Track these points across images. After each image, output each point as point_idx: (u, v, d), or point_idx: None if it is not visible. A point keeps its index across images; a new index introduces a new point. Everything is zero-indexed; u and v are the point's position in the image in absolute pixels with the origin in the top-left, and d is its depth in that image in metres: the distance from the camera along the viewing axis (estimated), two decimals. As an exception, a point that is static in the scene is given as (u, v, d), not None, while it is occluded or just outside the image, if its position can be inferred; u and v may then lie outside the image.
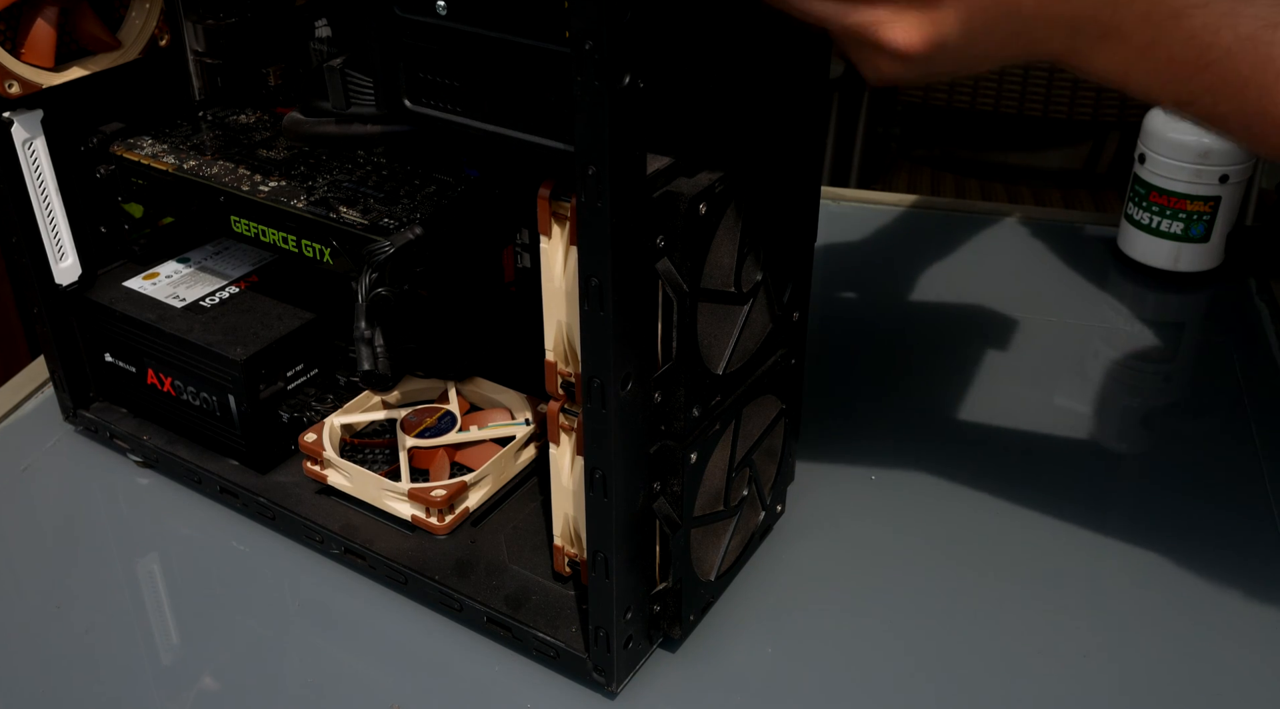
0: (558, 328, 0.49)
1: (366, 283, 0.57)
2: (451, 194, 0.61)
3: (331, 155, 0.66)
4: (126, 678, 0.58)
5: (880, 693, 0.56)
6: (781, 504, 0.65)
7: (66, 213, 0.68)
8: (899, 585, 0.63)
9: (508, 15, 0.44)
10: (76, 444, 0.74)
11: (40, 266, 0.68)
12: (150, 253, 0.73)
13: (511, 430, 0.66)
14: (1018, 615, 0.61)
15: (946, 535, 0.66)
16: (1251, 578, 0.63)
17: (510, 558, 0.61)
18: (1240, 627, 0.60)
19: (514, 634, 0.57)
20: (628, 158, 0.42)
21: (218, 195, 0.63)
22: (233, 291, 0.70)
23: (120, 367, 0.71)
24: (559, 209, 0.47)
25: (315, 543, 0.64)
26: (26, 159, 0.65)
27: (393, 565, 0.61)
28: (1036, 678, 0.57)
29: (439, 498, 0.61)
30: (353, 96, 0.53)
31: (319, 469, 0.65)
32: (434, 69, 0.48)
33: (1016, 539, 0.66)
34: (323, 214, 0.60)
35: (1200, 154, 0.86)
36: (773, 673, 0.58)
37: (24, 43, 0.61)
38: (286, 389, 0.68)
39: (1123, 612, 0.61)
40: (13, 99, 0.62)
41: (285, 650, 0.60)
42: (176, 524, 0.68)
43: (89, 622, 0.62)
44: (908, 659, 0.58)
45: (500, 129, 0.48)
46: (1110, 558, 0.64)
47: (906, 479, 0.70)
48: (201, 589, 0.64)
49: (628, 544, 0.51)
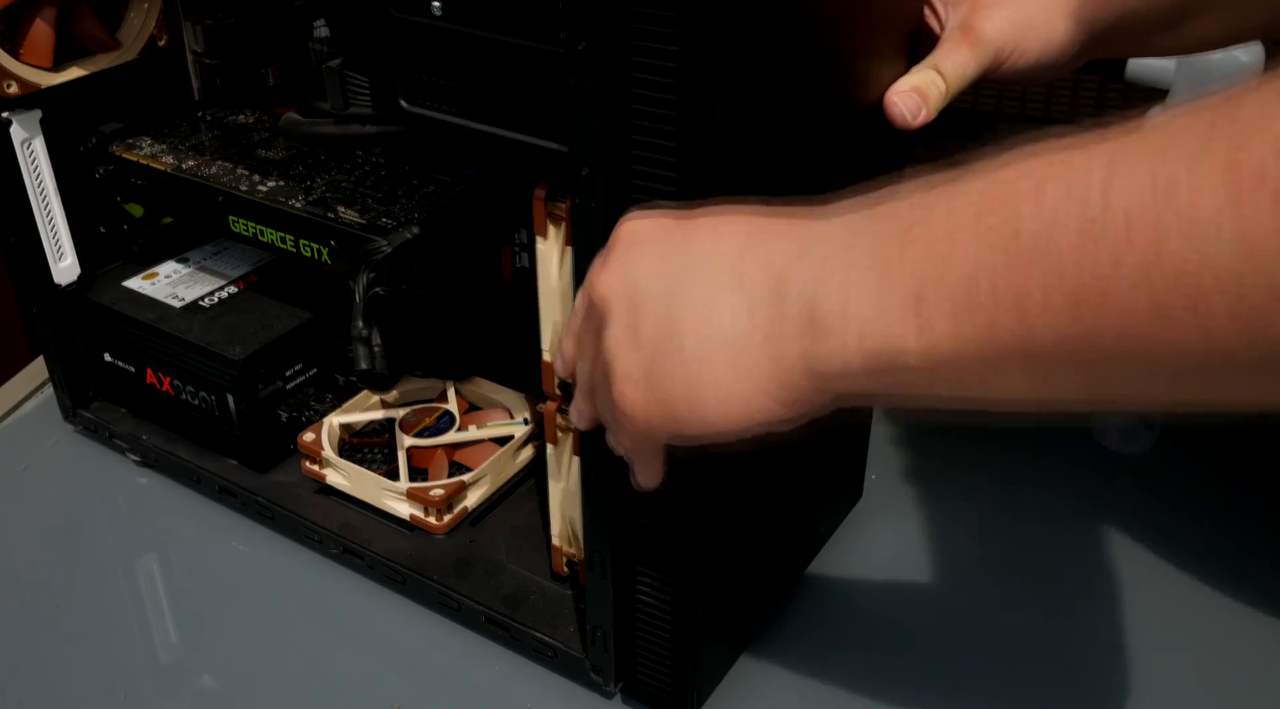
0: (554, 328, 0.49)
1: (364, 282, 0.57)
2: (449, 194, 0.61)
3: (330, 155, 0.66)
4: (125, 677, 0.59)
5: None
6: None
7: (65, 213, 0.68)
8: (900, 584, 0.63)
9: (502, 16, 0.44)
10: (76, 444, 0.74)
11: (39, 267, 0.68)
12: (149, 253, 0.73)
13: (510, 430, 0.66)
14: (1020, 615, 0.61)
15: (948, 535, 0.66)
16: (1252, 578, 0.63)
17: (509, 558, 0.61)
18: (1240, 626, 0.60)
19: (512, 634, 0.57)
20: (621, 159, 0.42)
21: (216, 195, 0.63)
22: (232, 291, 0.70)
23: (119, 366, 0.71)
24: (554, 210, 0.47)
25: (314, 542, 0.64)
26: (25, 159, 0.65)
27: (391, 565, 0.61)
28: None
29: (437, 497, 0.61)
30: (351, 97, 0.53)
31: (318, 468, 0.65)
32: (430, 70, 0.48)
33: (1015, 540, 0.66)
34: (321, 214, 0.60)
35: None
36: (770, 670, 0.58)
37: (23, 43, 0.61)
38: (285, 388, 0.68)
39: (1122, 611, 0.61)
40: (11, 99, 0.62)
41: (283, 650, 0.60)
42: (175, 524, 0.68)
43: (88, 621, 0.62)
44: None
45: (496, 130, 0.48)
46: (1110, 558, 0.64)
47: (906, 479, 0.70)
48: (200, 588, 0.64)
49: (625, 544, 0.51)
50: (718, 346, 0.36)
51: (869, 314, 0.33)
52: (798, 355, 0.35)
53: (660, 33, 0.38)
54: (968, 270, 0.31)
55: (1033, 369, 0.31)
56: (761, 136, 0.44)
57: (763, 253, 0.36)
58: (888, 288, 0.33)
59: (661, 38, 0.38)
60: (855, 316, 0.34)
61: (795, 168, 0.47)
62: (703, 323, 0.37)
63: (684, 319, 0.37)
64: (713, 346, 0.36)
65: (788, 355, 0.35)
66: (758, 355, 0.36)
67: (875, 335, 0.33)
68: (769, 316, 0.35)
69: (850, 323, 0.34)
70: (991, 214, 0.31)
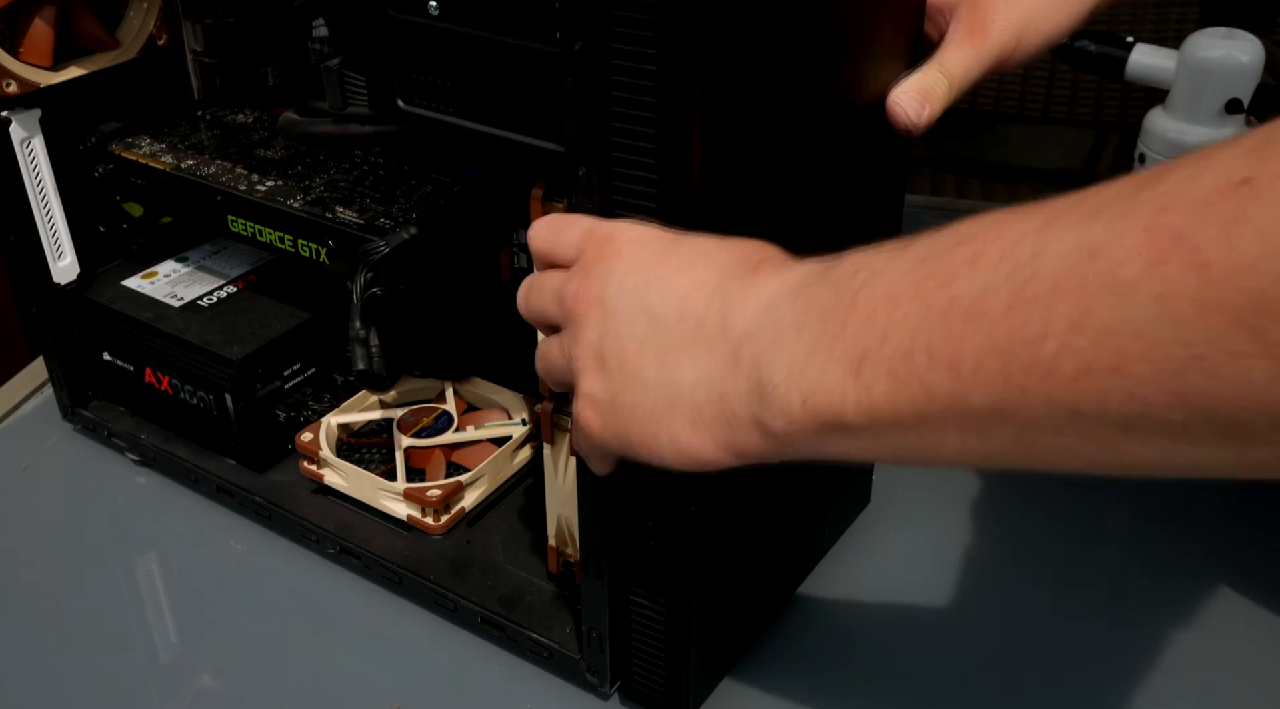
0: (551, 328, 0.49)
1: (362, 282, 0.57)
2: (447, 194, 0.61)
3: (329, 155, 0.66)
4: (125, 677, 0.59)
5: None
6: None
7: (65, 212, 0.68)
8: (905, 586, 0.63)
9: (499, 16, 0.44)
10: (76, 443, 0.74)
11: (39, 266, 0.68)
12: (148, 252, 0.73)
13: (508, 430, 0.66)
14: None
15: (955, 539, 0.66)
16: (1254, 577, 0.63)
17: (505, 558, 0.61)
18: (1244, 625, 0.60)
19: (508, 635, 0.57)
20: (618, 159, 0.42)
21: (215, 194, 0.63)
22: (231, 291, 0.70)
23: (118, 365, 0.71)
24: (552, 209, 0.47)
25: (311, 542, 0.64)
26: (24, 158, 0.65)
27: (388, 565, 0.61)
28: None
29: (434, 498, 0.61)
30: (349, 96, 0.53)
31: (315, 468, 0.65)
32: (427, 69, 0.48)
33: (1017, 539, 0.66)
34: (319, 213, 0.60)
35: (1201, 154, 0.86)
36: (766, 666, 0.58)
37: (22, 42, 0.62)
38: (283, 388, 0.68)
39: (1122, 611, 0.61)
40: (10, 98, 0.62)
41: (281, 649, 0.60)
42: (174, 523, 0.68)
43: (87, 621, 0.62)
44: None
45: (492, 129, 0.48)
46: (1109, 558, 0.64)
47: (914, 481, 0.70)
48: (198, 588, 0.64)
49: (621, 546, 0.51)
50: (677, 401, 0.39)
51: (813, 379, 0.35)
52: (750, 417, 0.37)
53: (640, 35, 0.39)
54: (906, 335, 0.33)
55: (967, 430, 0.33)
56: (754, 140, 0.44)
57: (727, 310, 0.38)
58: (831, 353, 0.35)
59: (641, 40, 0.39)
60: (799, 380, 0.36)
61: (792, 171, 0.47)
62: (667, 371, 0.39)
63: (648, 364, 0.40)
64: (672, 399, 0.39)
65: (740, 417, 0.38)
66: (713, 414, 0.38)
67: (817, 397, 0.35)
68: (724, 378, 0.38)
69: (794, 385, 0.36)
70: (930, 279, 0.33)
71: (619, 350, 0.40)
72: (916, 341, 0.33)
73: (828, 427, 0.35)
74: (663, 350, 0.39)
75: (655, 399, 0.39)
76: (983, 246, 0.32)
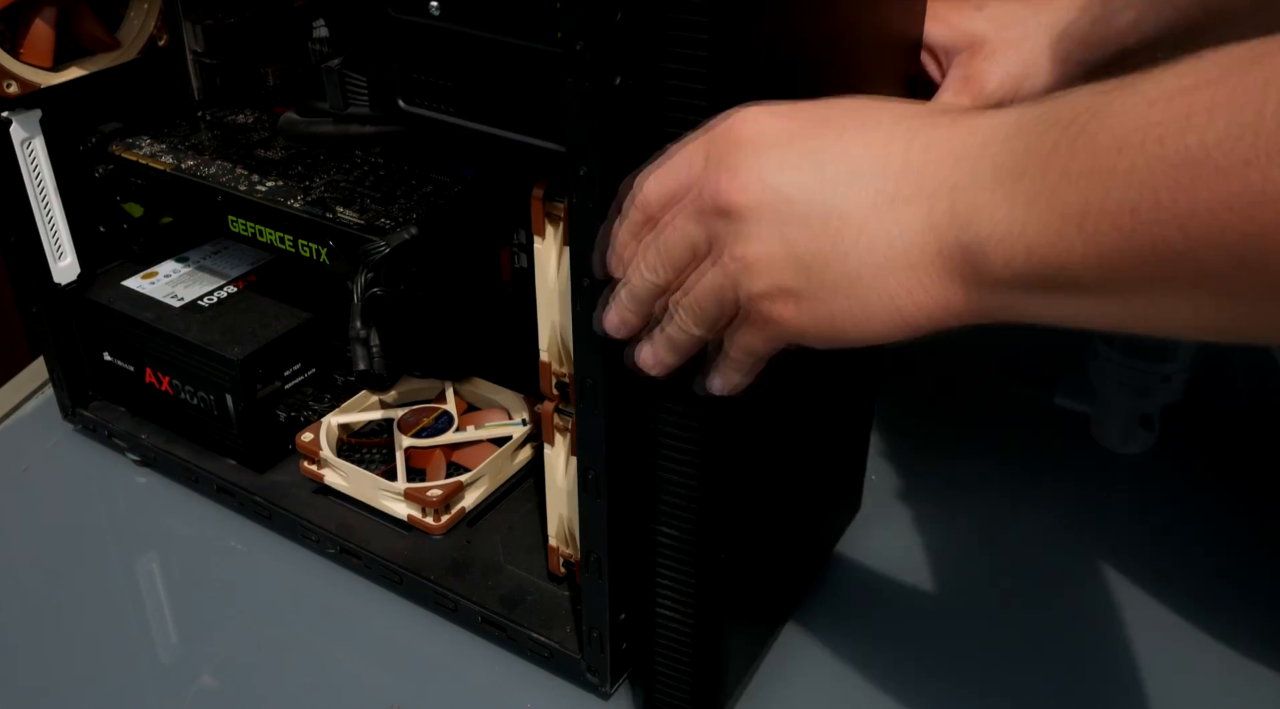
0: (552, 328, 0.49)
1: (362, 283, 0.57)
2: (448, 194, 0.61)
3: (329, 155, 0.66)
4: (125, 676, 0.59)
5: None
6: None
7: (65, 212, 0.68)
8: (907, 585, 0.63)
9: (500, 16, 0.44)
10: (76, 443, 0.74)
11: (39, 266, 0.68)
12: (149, 252, 0.73)
13: (508, 430, 0.66)
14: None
15: (949, 538, 0.66)
16: (1252, 577, 0.63)
17: (506, 558, 0.61)
18: (1242, 625, 0.60)
19: (508, 634, 0.57)
20: (619, 158, 0.42)
21: (215, 195, 0.63)
22: (231, 291, 0.70)
23: (119, 366, 0.71)
24: (552, 210, 0.47)
25: (311, 542, 0.64)
26: (25, 158, 0.65)
27: (388, 565, 0.61)
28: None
29: (435, 498, 0.61)
30: (350, 97, 0.53)
31: (316, 468, 0.65)
32: (427, 69, 0.48)
33: (1015, 540, 0.66)
34: (319, 214, 0.60)
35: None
36: (767, 666, 0.58)
37: (23, 42, 0.62)
38: (284, 388, 0.68)
39: (1122, 612, 0.61)
40: (11, 98, 0.62)
41: (281, 649, 0.60)
42: (174, 523, 0.68)
43: (88, 620, 0.62)
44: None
45: (493, 129, 0.48)
46: (1110, 558, 0.64)
47: (905, 481, 0.70)
48: (199, 588, 0.64)
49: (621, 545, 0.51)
50: (887, 264, 0.36)
51: (1034, 231, 0.33)
52: (969, 271, 0.35)
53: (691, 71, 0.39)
54: (1134, 187, 0.30)
55: (1198, 291, 0.31)
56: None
57: (919, 160, 0.35)
58: (1053, 204, 0.32)
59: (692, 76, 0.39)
60: (1021, 232, 0.33)
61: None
62: (867, 237, 0.36)
63: (846, 234, 0.36)
64: (883, 263, 0.36)
65: (958, 269, 0.35)
66: (928, 273, 0.35)
67: (1041, 251, 0.33)
68: (939, 232, 0.35)
69: (1017, 238, 0.33)
70: (1161, 126, 0.30)
71: (807, 229, 0.36)
72: (1143, 195, 0.30)
73: (1050, 283, 0.33)
74: (861, 217, 0.36)
75: (862, 269, 0.36)
76: (1219, 93, 0.29)
